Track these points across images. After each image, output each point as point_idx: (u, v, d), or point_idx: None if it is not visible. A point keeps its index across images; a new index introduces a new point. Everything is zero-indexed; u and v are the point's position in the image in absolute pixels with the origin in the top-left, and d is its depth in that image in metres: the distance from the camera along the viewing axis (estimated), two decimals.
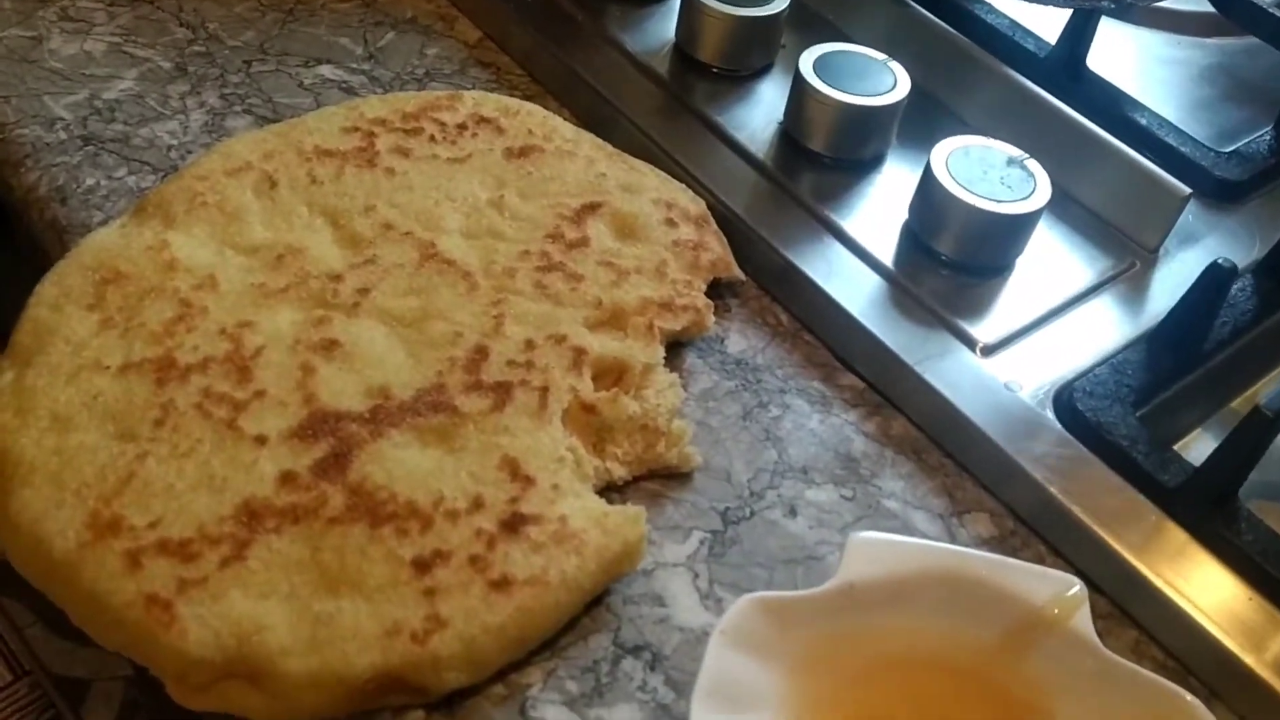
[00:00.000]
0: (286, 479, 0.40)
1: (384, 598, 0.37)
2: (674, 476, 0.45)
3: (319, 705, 0.36)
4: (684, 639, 0.41)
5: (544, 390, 0.44)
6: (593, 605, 0.41)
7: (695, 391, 0.49)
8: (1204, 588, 0.41)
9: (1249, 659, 0.40)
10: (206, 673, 0.36)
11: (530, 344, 0.45)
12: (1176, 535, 0.43)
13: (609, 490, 0.44)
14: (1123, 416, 0.45)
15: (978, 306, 0.50)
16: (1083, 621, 0.38)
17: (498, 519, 0.40)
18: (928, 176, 0.50)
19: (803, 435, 0.47)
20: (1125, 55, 0.65)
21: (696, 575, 0.43)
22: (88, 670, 1.33)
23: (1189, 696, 0.36)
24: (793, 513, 0.45)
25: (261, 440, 0.40)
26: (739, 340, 0.51)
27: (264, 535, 0.38)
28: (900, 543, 0.40)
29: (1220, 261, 0.46)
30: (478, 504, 0.40)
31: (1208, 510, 0.42)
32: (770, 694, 0.37)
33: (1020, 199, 0.49)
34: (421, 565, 0.38)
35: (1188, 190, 0.52)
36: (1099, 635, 0.38)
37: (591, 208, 0.51)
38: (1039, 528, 0.45)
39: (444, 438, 0.42)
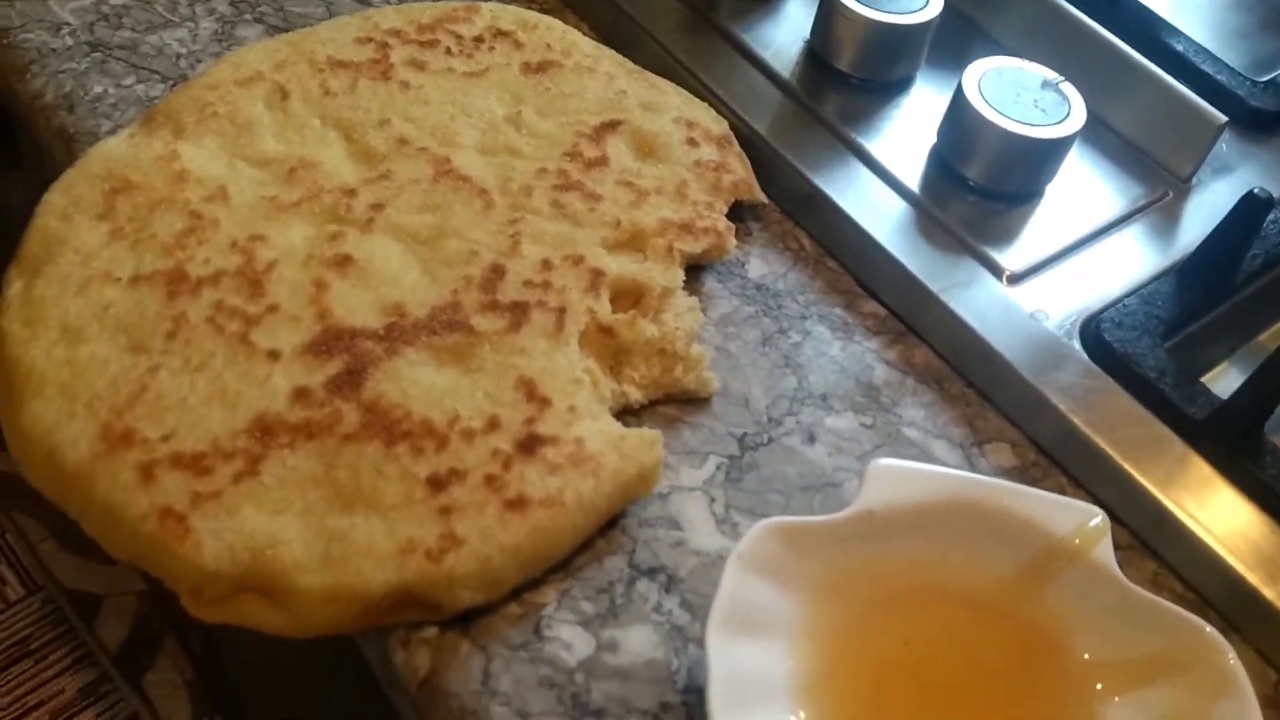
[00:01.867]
0: (300, 395, 0.39)
1: (399, 515, 0.37)
2: (691, 402, 0.45)
3: (333, 620, 0.36)
4: (699, 563, 0.40)
5: (561, 311, 0.43)
6: (608, 528, 0.41)
7: (714, 316, 0.48)
8: (1226, 521, 0.41)
9: (1269, 592, 0.39)
10: (221, 586, 0.36)
11: (547, 264, 0.44)
12: (1200, 468, 0.42)
13: (626, 414, 0.44)
14: (1151, 348, 0.44)
15: (1005, 234, 0.49)
16: (1104, 553, 0.38)
17: (514, 440, 0.39)
18: (959, 98, 0.49)
19: (823, 362, 0.47)
20: None
21: (713, 500, 0.42)
22: (100, 585, 1.35)
23: (1208, 628, 0.36)
24: (811, 440, 0.44)
25: (275, 355, 0.40)
26: (760, 265, 0.50)
27: (278, 451, 0.38)
28: (921, 470, 0.40)
29: (1256, 191, 0.45)
30: (494, 424, 0.39)
31: (1233, 443, 0.41)
32: (786, 619, 0.37)
33: (1054, 123, 0.48)
34: (437, 484, 0.38)
35: (1223, 118, 0.50)
36: (1120, 566, 0.38)
37: (611, 126, 0.50)
38: (1061, 459, 0.44)
39: (460, 357, 0.41)
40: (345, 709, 0.65)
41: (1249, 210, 0.45)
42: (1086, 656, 0.37)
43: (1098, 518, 0.38)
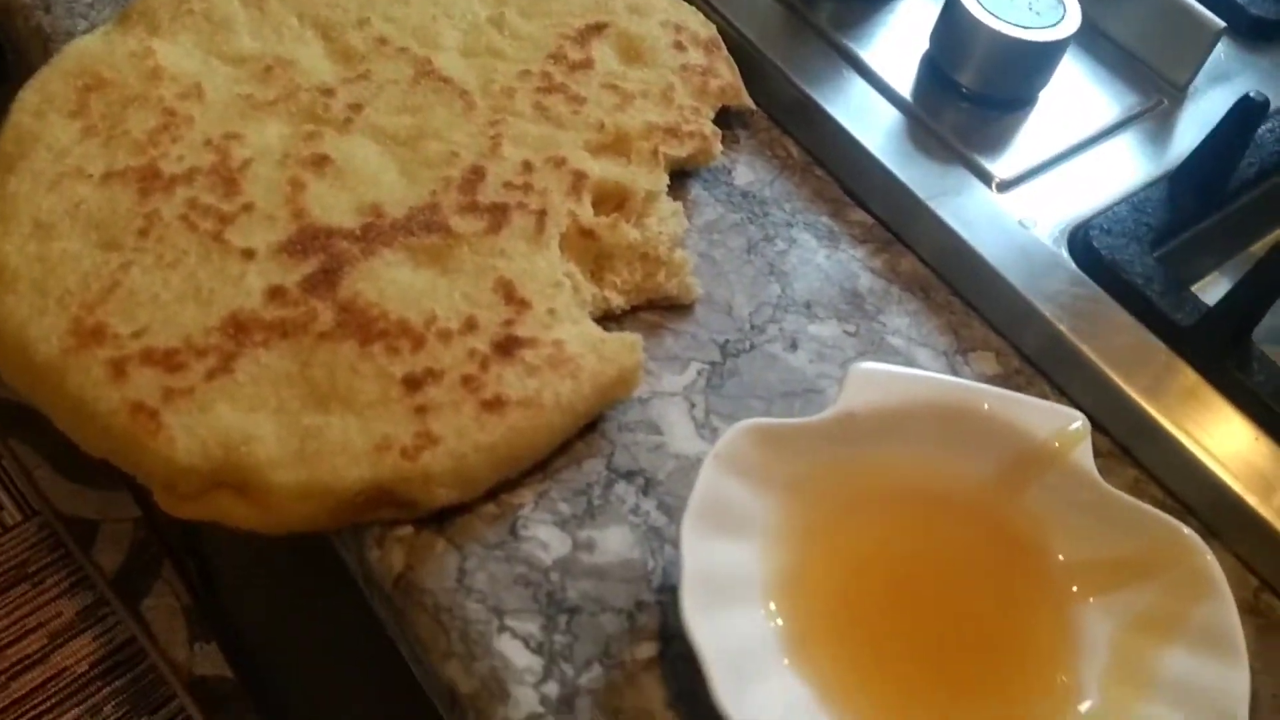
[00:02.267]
0: (275, 293, 0.38)
1: (374, 414, 0.37)
2: (674, 308, 0.44)
3: (308, 516, 0.36)
4: (678, 466, 0.40)
5: (541, 213, 0.42)
6: (587, 431, 0.40)
7: (699, 223, 0.47)
8: (1210, 428, 0.41)
9: (1251, 499, 0.39)
10: (194, 482, 0.36)
11: (528, 166, 0.43)
12: (1186, 376, 0.42)
13: (607, 320, 0.43)
14: (1139, 255, 0.44)
15: (997, 141, 0.48)
16: (1083, 456, 0.38)
17: (491, 341, 0.39)
18: (952, 2, 0.48)
19: (808, 270, 0.46)
20: None
21: (693, 405, 0.42)
22: (96, 511, 1.35)
23: (1186, 530, 0.36)
24: (793, 347, 0.44)
25: (249, 254, 0.39)
26: (746, 172, 0.49)
27: (251, 349, 0.37)
28: (901, 374, 0.40)
29: (1252, 94, 0.44)
30: (471, 325, 0.39)
31: (1220, 351, 0.41)
32: (762, 519, 0.37)
33: (1048, 26, 0.46)
34: (413, 383, 0.37)
35: (1221, 24, 0.49)
36: (1099, 473, 0.38)
37: (596, 28, 0.49)
38: (1045, 367, 0.44)
39: (437, 258, 0.41)
40: (337, 631, 0.66)
41: (1244, 114, 0.44)
42: (1062, 558, 0.37)
43: (1078, 421, 0.38)
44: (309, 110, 0.44)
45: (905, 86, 0.49)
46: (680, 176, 0.48)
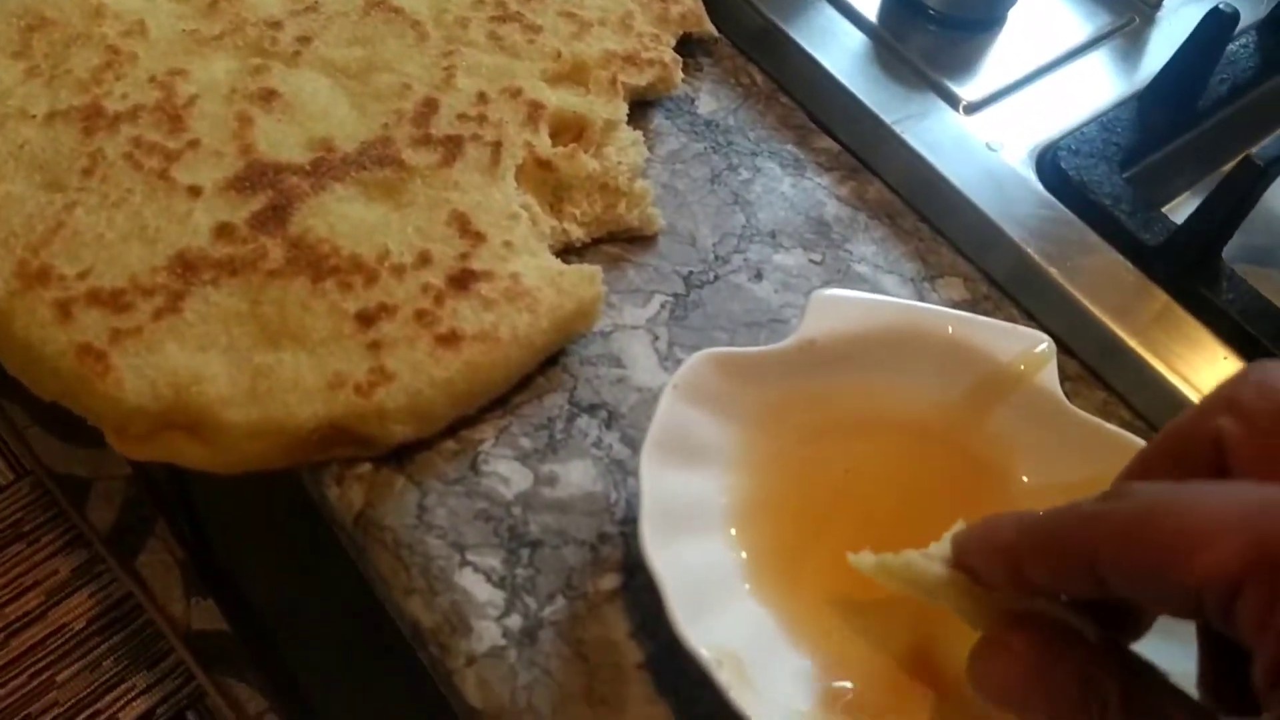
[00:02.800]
0: (223, 231, 0.38)
1: (327, 351, 0.36)
2: (636, 240, 0.44)
3: (262, 455, 0.35)
4: (641, 399, 0.40)
5: (497, 145, 0.41)
6: (548, 365, 0.40)
7: (662, 153, 0.46)
8: (1179, 348, 0.40)
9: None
10: (145, 422, 0.35)
11: (483, 97, 0.42)
12: (1156, 297, 0.41)
13: (568, 253, 0.43)
14: (1108, 175, 0.43)
15: (964, 64, 0.47)
16: (1048, 378, 0.37)
17: (446, 275, 0.38)
18: None
19: (773, 199, 0.45)
20: None
21: (656, 338, 0.41)
22: (88, 470, 1.35)
23: None
24: (758, 277, 0.43)
25: (196, 191, 0.38)
26: (710, 101, 0.48)
27: (200, 287, 0.37)
28: (864, 300, 0.39)
29: (1221, 6, 0.43)
30: (425, 259, 0.38)
31: (1188, 270, 0.40)
32: (723, 448, 0.36)
33: None
34: (366, 319, 0.37)
35: None
36: (1067, 396, 0.37)
37: None
38: (1013, 291, 0.43)
39: (390, 192, 0.40)
40: (331, 581, 0.66)
41: (1214, 27, 0.43)
42: (1026, 480, 0.37)
43: (1043, 344, 0.38)
44: (256, 44, 0.43)
45: (871, 10, 0.48)
46: (642, 106, 0.47)
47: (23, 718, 1.19)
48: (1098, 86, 0.47)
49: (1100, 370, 0.41)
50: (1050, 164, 0.43)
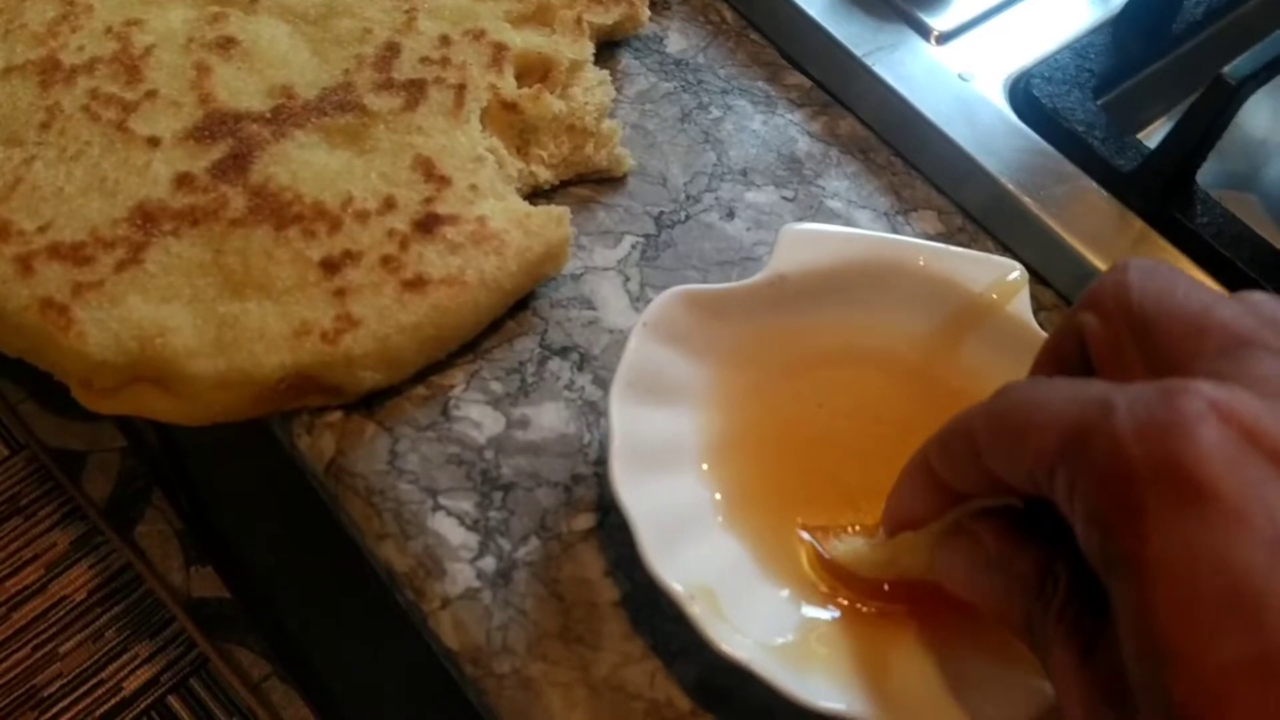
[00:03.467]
0: (183, 181, 0.37)
1: (292, 299, 0.36)
2: (606, 181, 0.43)
3: (230, 406, 0.35)
4: (613, 340, 0.39)
5: (460, 88, 0.41)
6: (519, 309, 0.40)
7: (631, 94, 0.46)
8: None
9: None
10: (110, 376, 0.35)
11: (446, 40, 0.42)
12: (1131, 223, 0.41)
13: (538, 196, 0.42)
14: (1081, 103, 0.42)
15: None
16: (1021, 306, 0.37)
17: (411, 219, 0.38)
18: None
19: (744, 137, 0.45)
20: None
21: (627, 279, 0.41)
22: (82, 443, 1.36)
23: None
24: (730, 215, 0.43)
25: (155, 142, 0.38)
26: (679, 40, 0.47)
27: (161, 238, 0.36)
28: (834, 233, 0.39)
29: None
30: (389, 204, 0.38)
31: (1163, 193, 0.40)
32: (695, 385, 0.36)
33: None
34: (331, 266, 0.36)
35: None
36: (1043, 327, 0.37)
37: None
38: (987, 223, 0.43)
39: (353, 138, 0.39)
40: (322, 539, 0.66)
41: None
42: None
43: (1016, 271, 0.37)
44: None
45: None
46: (611, 47, 0.46)
47: (28, 689, 1.20)
48: (1071, 13, 0.46)
49: (1076, 299, 0.41)
50: (1023, 93, 0.43)
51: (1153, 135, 0.47)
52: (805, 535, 0.34)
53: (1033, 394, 0.25)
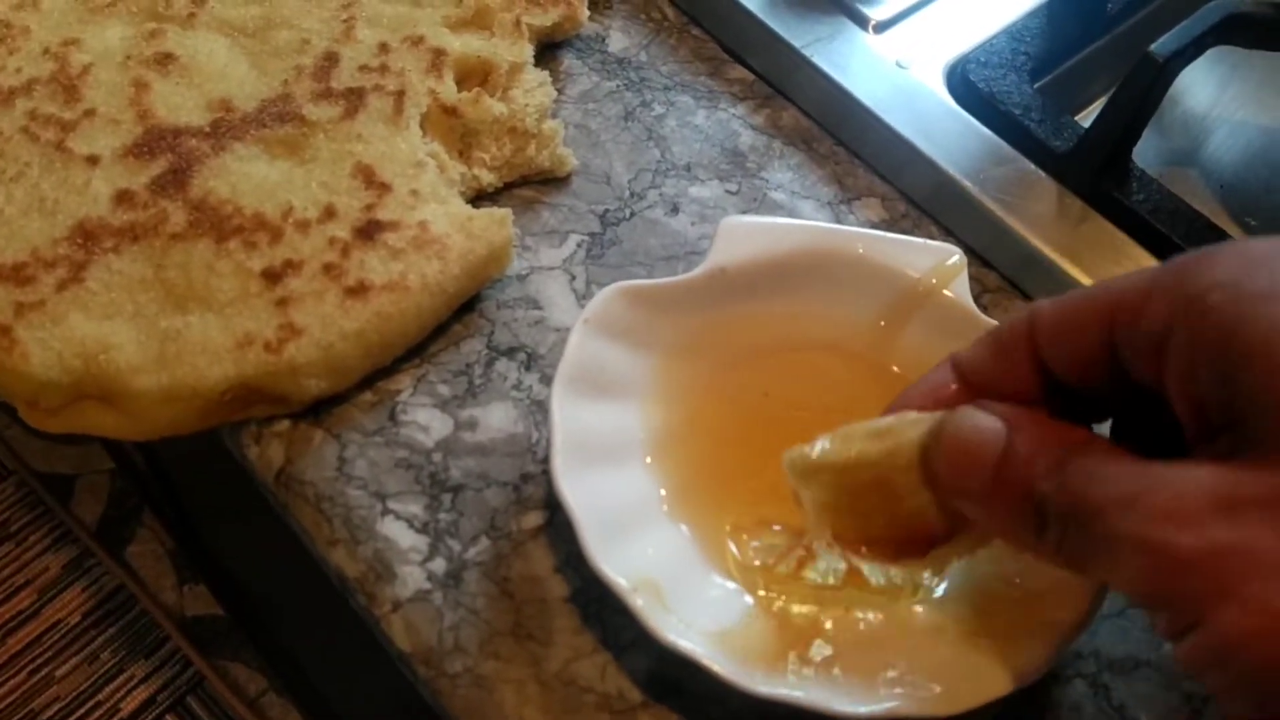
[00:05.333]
0: (122, 198, 0.38)
1: (234, 310, 0.36)
2: (550, 182, 0.43)
3: (176, 420, 0.35)
4: (560, 339, 0.40)
5: (399, 95, 0.41)
6: (464, 312, 0.40)
7: (574, 94, 0.46)
8: (1095, 253, 0.40)
9: None
10: (56, 395, 0.35)
11: (384, 47, 0.42)
12: (1071, 204, 0.41)
13: (483, 199, 0.42)
14: (1018, 85, 0.43)
15: None
16: (959, 289, 0.37)
17: (352, 227, 0.38)
18: None
19: (687, 132, 0.45)
20: None
21: (573, 278, 0.41)
22: (71, 466, 1.35)
23: None
24: (675, 210, 0.43)
25: (94, 160, 0.38)
26: (620, 38, 0.48)
27: (102, 256, 0.36)
28: (773, 224, 0.39)
29: None
30: (330, 213, 0.38)
31: (1099, 173, 0.40)
32: (639, 379, 0.36)
33: None
34: (272, 276, 0.37)
35: None
36: (988, 309, 0.37)
37: None
38: (931, 209, 0.43)
39: (292, 149, 0.39)
40: (313, 557, 0.66)
41: None
42: None
43: (955, 256, 0.38)
44: (150, 9, 0.42)
45: None
46: (553, 48, 0.47)
47: (25, 714, 1.20)
48: None
49: (1019, 281, 0.41)
50: (960, 78, 0.43)
51: (1091, 116, 0.47)
52: (731, 545, 0.34)
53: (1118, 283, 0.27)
